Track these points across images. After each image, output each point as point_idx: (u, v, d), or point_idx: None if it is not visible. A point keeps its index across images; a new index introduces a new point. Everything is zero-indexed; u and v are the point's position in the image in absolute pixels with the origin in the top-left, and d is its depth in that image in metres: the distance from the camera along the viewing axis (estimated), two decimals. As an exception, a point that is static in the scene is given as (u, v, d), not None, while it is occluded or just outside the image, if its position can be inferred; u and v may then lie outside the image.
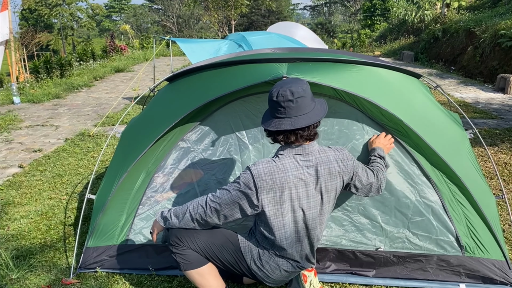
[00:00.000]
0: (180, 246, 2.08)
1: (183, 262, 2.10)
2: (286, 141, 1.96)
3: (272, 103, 1.94)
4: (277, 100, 1.90)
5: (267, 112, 2.03)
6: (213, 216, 2.01)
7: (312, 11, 55.24)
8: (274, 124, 1.93)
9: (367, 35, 25.22)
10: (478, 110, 7.42)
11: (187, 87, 2.87)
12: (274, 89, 1.93)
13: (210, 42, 8.32)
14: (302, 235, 2.07)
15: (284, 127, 1.90)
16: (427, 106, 2.73)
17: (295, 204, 1.99)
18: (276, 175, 1.93)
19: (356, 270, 2.55)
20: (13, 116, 7.77)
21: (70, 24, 41.51)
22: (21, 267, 2.74)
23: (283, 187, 1.94)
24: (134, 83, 10.82)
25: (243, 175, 1.96)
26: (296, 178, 1.96)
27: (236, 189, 1.96)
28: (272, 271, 2.11)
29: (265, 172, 1.93)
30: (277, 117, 1.93)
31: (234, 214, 2.00)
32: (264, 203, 1.95)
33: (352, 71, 2.56)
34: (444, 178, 2.50)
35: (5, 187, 4.31)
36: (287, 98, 1.88)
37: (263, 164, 1.95)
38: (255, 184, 1.92)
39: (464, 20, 14.02)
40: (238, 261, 2.13)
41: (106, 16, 53.38)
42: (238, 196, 1.96)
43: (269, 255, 2.10)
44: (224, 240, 2.13)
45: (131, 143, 2.88)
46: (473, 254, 2.47)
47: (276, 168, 1.94)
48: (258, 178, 1.92)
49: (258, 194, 1.93)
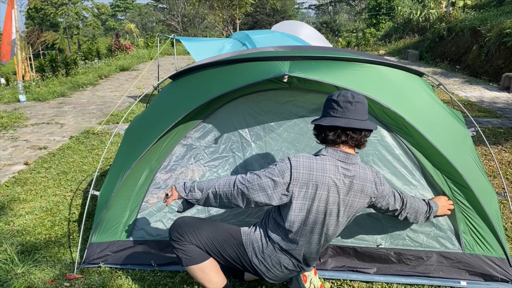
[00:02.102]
0: (182, 241, 2.09)
1: (185, 258, 2.10)
2: (336, 140, 1.97)
3: (329, 103, 1.99)
4: (336, 100, 1.96)
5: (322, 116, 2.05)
6: (238, 198, 1.99)
7: (317, 10, 55.12)
8: (327, 120, 1.96)
9: (372, 34, 25.12)
10: (483, 109, 7.39)
11: (190, 84, 2.89)
12: (336, 92, 2.01)
13: (214, 40, 8.34)
14: (315, 237, 2.05)
15: (338, 123, 1.93)
16: (429, 104, 2.73)
17: (321, 206, 1.96)
18: (314, 172, 1.92)
19: (357, 267, 2.56)
20: (19, 114, 7.84)
21: (75, 23, 41.67)
22: (26, 262, 2.78)
23: (317, 186, 1.92)
24: (138, 81, 10.87)
25: (281, 163, 1.94)
26: (332, 181, 1.94)
27: (268, 176, 1.93)
28: (272, 266, 2.11)
29: (304, 165, 1.92)
30: (331, 115, 1.97)
31: (259, 200, 1.96)
32: (294, 195, 1.93)
33: (354, 69, 2.56)
34: (444, 176, 2.50)
35: (11, 183, 4.36)
36: (347, 99, 1.94)
37: (304, 158, 1.95)
38: (291, 175, 1.91)
39: (469, 19, 13.93)
40: (240, 255, 2.13)
41: (111, 15, 53.55)
42: (267, 183, 1.93)
43: (273, 249, 2.08)
44: (226, 235, 2.14)
45: (134, 140, 2.91)
46: (473, 251, 2.48)
47: (316, 165, 1.93)
48: (295, 169, 1.91)
49: (290, 184, 1.91)
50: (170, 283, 2.55)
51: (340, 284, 2.51)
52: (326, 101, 2.03)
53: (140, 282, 2.57)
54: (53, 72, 12.30)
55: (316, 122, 2.03)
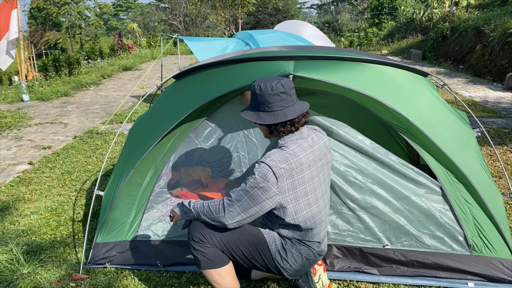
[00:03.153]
0: (203, 244, 2.04)
1: (204, 260, 2.05)
2: (290, 129, 2.00)
3: (268, 97, 1.96)
4: (278, 92, 1.95)
5: (254, 110, 2.03)
6: (232, 221, 1.97)
7: (319, 9, 55.06)
8: (277, 116, 1.96)
9: (374, 34, 25.08)
10: (487, 109, 7.37)
11: (194, 84, 2.89)
12: (265, 85, 1.96)
13: (217, 40, 8.33)
14: (323, 213, 2.10)
15: (291, 116, 1.96)
16: (434, 104, 2.72)
17: (314, 183, 2.02)
18: (291, 160, 1.94)
19: (364, 268, 2.55)
20: (22, 113, 7.86)
21: (78, 22, 41.74)
22: (32, 262, 2.78)
23: (300, 170, 1.96)
24: (142, 81, 10.87)
25: (259, 169, 1.92)
26: (307, 159, 1.99)
27: (254, 186, 1.91)
28: (295, 260, 2.09)
29: (279, 160, 1.93)
30: (274, 110, 1.97)
31: (253, 213, 1.95)
32: (285, 188, 1.94)
33: (359, 69, 2.56)
34: (451, 177, 2.49)
35: (15, 183, 4.37)
36: (281, 90, 1.96)
37: (275, 154, 1.95)
38: (275, 174, 1.91)
39: (473, 18, 13.89)
40: (262, 253, 2.09)
41: (113, 14, 53.62)
42: (257, 194, 1.92)
43: (292, 243, 2.08)
44: (249, 235, 2.10)
45: (138, 140, 2.91)
46: (481, 253, 2.46)
47: (288, 154, 1.95)
48: (275, 168, 1.91)
49: (278, 182, 1.91)
50: (176, 284, 2.55)
51: (347, 285, 2.50)
52: (261, 96, 1.97)
53: (146, 282, 2.57)
54: (56, 72, 12.32)
55: (268, 122, 1.98)
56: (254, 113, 2.02)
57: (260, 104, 1.99)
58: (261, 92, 1.97)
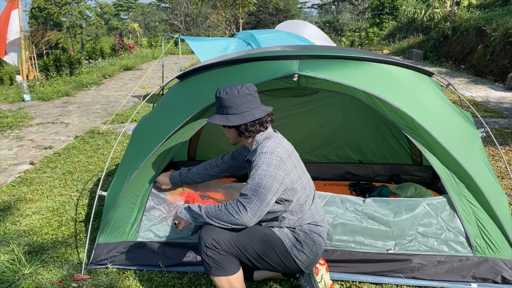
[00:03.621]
0: (217, 250, 2.00)
1: (215, 267, 2.02)
2: (259, 128, 2.08)
3: (235, 100, 2.02)
4: (244, 94, 2.02)
5: (222, 114, 2.08)
6: (255, 217, 1.92)
7: (320, 9, 55.03)
8: (246, 116, 2.02)
9: (375, 34, 25.07)
10: (489, 109, 7.35)
11: (198, 84, 2.88)
12: (231, 89, 2.03)
13: (219, 40, 8.33)
14: (314, 196, 2.22)
15: (259, 115, 2.03)
16: (439, 104, 2.71)
17: (301, 165, 2.16)
18: (282, 145, 2.07)
19: (366, 270, 2.53)
20: (23, 113, 7.86)
21: (79, 22, 41.75)
22: (33, 262, 2.77)
23: (290, 154, 2.08)
24: (143, 81, 10.86)
25: (262, 159, 1.97)
26: (289, 146, 2.13)
27: (264, 176, 1.93)
28: (310, 250, 2.11)
29: (274, 145, 2.03)
30: (242, 112, 2.02)
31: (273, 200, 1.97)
32: (289, 169, 2.03)
33: (364, 68, 2.55)
34: (454, 178, 2.47)
35: (17, 183, 4.36)
36: (248, 92, 2.04)
37: (267, 143, 2.04)
38: (278, 156, 1.98)
39: (474, 18, 13.87)
40: (277, 250, 2.08)
41: (114, 14, 53.61)
42: (269, 182, 1.92)
43: (304, 233, 2.11)
44: (260, 233, 2.10)
45: (142, 140, 2.89)
46: (484, 254, 2.45)
47: (277, 142, 2.07)
48: (276, 152, 1.99)
49: (282, 164, 1.99)
50: (178, 284, 2.54)
51: (349, 286, 2.49)
52: (228, 99, 2.03)
53: (147, 283, 2.56)
54: (57, 72, 12.31)
55: (233, 123, 2.04)
56: (223, 117, 2.06)
57: (227, 108, 2.04)
58: (227, 95, 2.02)
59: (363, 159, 4.11)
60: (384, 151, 4.09)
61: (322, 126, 4.09)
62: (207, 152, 4.27)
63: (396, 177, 3.97)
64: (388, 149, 4.07)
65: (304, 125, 4.10)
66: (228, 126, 2.09)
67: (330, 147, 4.14)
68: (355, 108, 3.90)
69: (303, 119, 4.07)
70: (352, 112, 3.97)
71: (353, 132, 4.05)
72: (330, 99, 3.94)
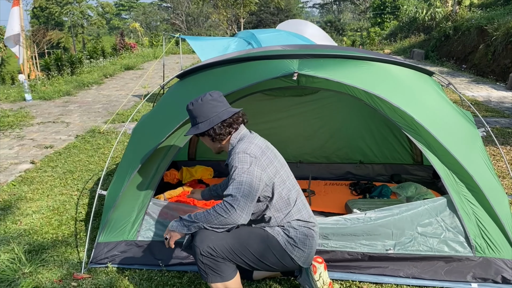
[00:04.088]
0: (213, 258, 1.99)
1: (212, 274, 2.02)
2: (229, 130, 2.12)
3: (201, 107, 2.11)
4: (207, 101, 2.11)
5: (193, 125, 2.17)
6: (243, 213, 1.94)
7: (321, 9, 54.98)
8: (212, 120, 2.09)
9: (376, 33, 25.02)
10: (490, 109, 7.33)
11: (197, 84, 2.87)
12: (196, 100, 2.13)
13: (220, 39, 8.32)
14: (296, 189, 2.20)
15: (225, 116, 2.09)
16: (439, 103, 2.70)
17: (279, 160, 2.17)
18: (254, 142, 2.10)
19: (366, 269, 2.53)
20: (24, 112, 7.87)
21: (80, 22, 41.83)
22: (33, 261, 2.78)
23: (263, 151, 2.10)
24: (143, 80, 10.87)
25: (235, 159, 2.01)
26: (262, 142, 2.16)
27: (241, 173, 1.97)
28: (303, 244, 2.11)
29: (246, 145, 2.06)
30: (209, 117, 2.10)
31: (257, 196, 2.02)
32: (265, 165, 2.06)
33: (364, 67, 2.54)
34: (455, 177, 2.46)
35: (17, 182, 4.37)
36: (212, 98, 2.12)
37: (239, 145, 2.08)
38: (250, 154, 2.02)
39: (476, 17, 13.83)
40: (273, 248, 2.08)
41: (115, 14, 53.64)
42: (248, 179, 1.96)
43: (294, 229, 2.11)
44: (254, 236, 2.10)
45: (142, 139, 2.89)
46: (484, 254, 2.44)
47: (249, 141, 2.11)
48: (248, 150, 2.04)
49: (257, 160, 2.03)
50: (178, 284, 2.54)
51: (349, 285, 2.48)
52: (195, 109, 2.13)
53: (147, 282, 2.56)
54: (58, 71, 12.33)
55: (201, 130, 2.11)
56: (194, 127, 2.15)
57: (196, 118, 2.13)
58: (193, 106, 2.13)
59: (363, 159, 4.10)
60: (385, 151, 4.08)
61: (322, 127, 4.09)
62: (207, 152, 4.28)
63: (397, 177, 3.96)
64: (388, 149, 4.06)
65: (305, 125, 4.09)
66: (199, 134, 2.17)
67: (330, 147, 4.13)
68: (355, 108, 3.90)
69: (303, 119, 4.07)
70: (353, 112, 3.96)
71: (353, 132, 4.05)
72: (331, 99, 3.93)
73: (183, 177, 4.02)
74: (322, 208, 3.33)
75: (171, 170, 4.01)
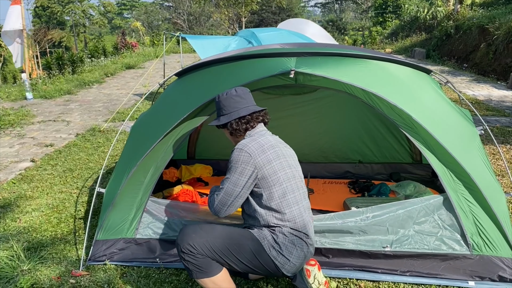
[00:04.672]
0: (193, 254, 2.02)
1: (196, 271, 2.04)
2: (246, 127, 2.16)
3: (224, 101, 2.18)
4: (231, 96, 2.17)
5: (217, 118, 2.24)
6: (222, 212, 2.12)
7: (323, 8, 54.90)
8: (232, 115, 2.15)
9: (378, 33, 24.98)
10: (491, 108, 7.32)
11: (196, 81, 2.88)
12: (223, 93, 2.20)
13: (220, 38, 8.31)
14: (298, 196, 2.15)
15: (244, 113, 2.13)
16: (437, 102, 2.70)
17: (283, 161, 2.13)
18: (258, 140, 2.11)
19: (364, 267, 2.53)
20: (25, 111, 7.89)
21: (82, 21, 41.86)
22: (32, 258, 2.79)
23: (264, 150, 2.08)
24: (144, 79, 10.88)
25: (232, 156, 2.08)
26: (274, 140, 2.17)
27: (232, 171, 2.05)
28: (289, 252, 2.07)
29: (248, 142, 2.10)
30: (229, 112, 2.16)
31: (245, 194, 2.08)
32: (261, 164, 2.05)
33: (361, 66, 2.54)
34: (452, 176, 2.46)
35: (17, 180, 4.38)
36: (239, 94, 2.18)
37: (243, 141, 2.13)
38: (247, 152, 2.05)
39: (477, 16, 13.80)
40: (258, 255, 2.06)
41: (117, 13, 53.67)
42: (236, 178, 2.04)
43: (284, 235, 2.07)
44: (240, 238, 2.08)
45: (140, 138, 2.90)
46: (481, 251, 2.44)
47: (256, 137, 2.14)
48: (246, 147, 2.06)
49: (252, 158, 2.04)
50: (176, 281, 2.55)
51: (347, 283, 2.49)
52: (219, 102, 2.20)
53: (145, 279, 2.57)
54: (60, 70, 12.36)
55: (220, 122, 2.19)
56: (216, 119, 2.24)
57: (220, 110, 2.21)
58: (219, 99, 2.21)
59: (362, 159, 4.10)
60: (383, 150, 4.08)
61: (321, 126, 4.09)
62: (207, 151, 4.28)
63: (396, 175, 3.96)
64: (387, 148, 4.06)
65: (303, 124, 4.09)
66: (219, 126, 2.24)
67: (329, 147, 4.13)
68: (354, 107, 3.90)
69: (302, 118, 4.07)
70: (351, 111, 3.96)
71: (352, 132, 4.05)
72: (329, 98, 3.94)
73: (182, 175, 4.03)
74: (321, 206, 3.34)
75: (170, 168, 4.02)
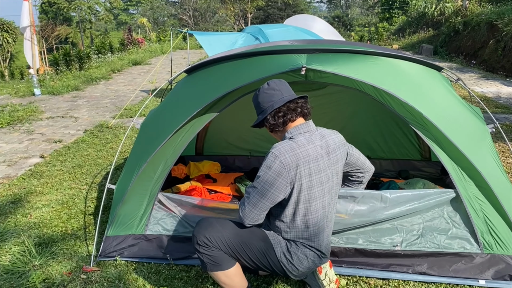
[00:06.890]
0: (209, 247, 2.03)
1: (210, 263, 2.05)
2: (283, 120, 2.04)
3: (259, 99, 2.10)
4: (263, 91, 2.08)
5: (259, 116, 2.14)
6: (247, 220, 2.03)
7: (329, 4, 54.64)
8: (266, 110, 2.05)
9: (385, 29, 24.81)
10: (500, 105, 7.26)
11: (205, 78, 2.88)
12: (256, 91, 2.13)
13: (227, 35, 8.31)
14: (321, 216, 2.07)
15: (277, 105, 2.02)
16: (448, 99, 2.68)
17: (314, 178, 1.99)
18: (297, 150, 1.96)
19: (374, 266, 2.53)
20: (34, 107, 7.94)
21: (88, 17, 41.94)
22: (43, 254, 2.82)
23: (300, 164, 1.95)
24: (151, 76, 10.90)
25: (266, 161, 1.97)
26: (314, 151, 2.00)
27: (261, 180, 1.96)
28: (300, 262, 2.08)
29: (286, 149, 1.95)
30: (265, 108, 2.06)
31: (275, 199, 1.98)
32: (292, 177, 1.95)
33: (372, 62, 2.53)
34: (463, 174, 2.45)
35: (27, 176, 4.42)
36: (269, 88, 2.08)
37: (282, 144, 1.99)
38: (282, 162, 1.92)
39: (486, 13, 13.66)
40: (267, 256, 2.08)
41: (123, 9, 53.73)
42: (264, 188, 1.95)
43: (297, 246, 2.08)
44: (253, 236, 2.09)
45: (150, 134, 2.91)
46: (491, 250, 2.43)
47: (294, 144, 1.98)
48: (282, 156, 1.93)
49: (285, 171, 1.92)
50: (186, 277, 2.56)
51: (356, 281, 2.49)
52: (255, 101, 2.13)
53: (155, 275, 2.59)
54: (67, 66, 12.42)
55: (257, 121, 2.12)
56: (256, 120, 2.14)
57: (256, 108, 2.13)
58: (253, 98, 2.14)
59: (371, 154, 4.09)
60: (392, 147, 4.06)
61: (329, 122, 4.06)
62: (215, 147, 4.29)
63: (405, 173, 3.95)
64: (396, 144, 4.05)
65: (312, 120, 4.08)
66: (258, 126, 2.15)
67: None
68: (363, 103, 3.88)
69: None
70: (360, 107, 3.95)
71: (361, 128, 4.03)
72: (338, 94, 3.92)
73: (191, 171, 4.04)
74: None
75: (178, 165, 4.03)
